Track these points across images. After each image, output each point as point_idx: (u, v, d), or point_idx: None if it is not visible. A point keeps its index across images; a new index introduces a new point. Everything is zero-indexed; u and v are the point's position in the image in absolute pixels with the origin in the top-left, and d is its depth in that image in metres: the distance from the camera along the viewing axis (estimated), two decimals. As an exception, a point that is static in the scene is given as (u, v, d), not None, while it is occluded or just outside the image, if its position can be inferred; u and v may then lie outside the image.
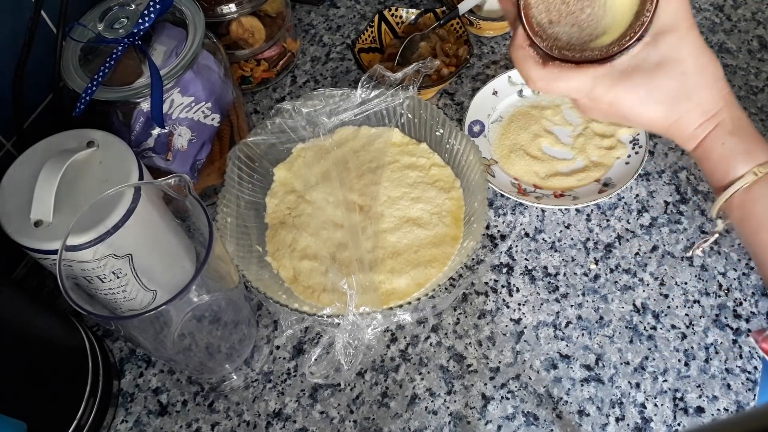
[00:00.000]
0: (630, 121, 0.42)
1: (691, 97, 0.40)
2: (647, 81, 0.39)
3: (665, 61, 0.39)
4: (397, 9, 0.77)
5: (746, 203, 0.41)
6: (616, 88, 0.40)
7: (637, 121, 0.42)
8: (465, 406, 0.54)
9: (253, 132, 0.62)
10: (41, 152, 0.50)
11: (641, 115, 0.41)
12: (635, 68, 0.39)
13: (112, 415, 0.55)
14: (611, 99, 0.40)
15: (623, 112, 0.41)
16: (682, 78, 0.39)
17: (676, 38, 0.39)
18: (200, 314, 0.50)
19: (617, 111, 0.41)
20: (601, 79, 0.40)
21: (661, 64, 0.39)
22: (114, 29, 0.56)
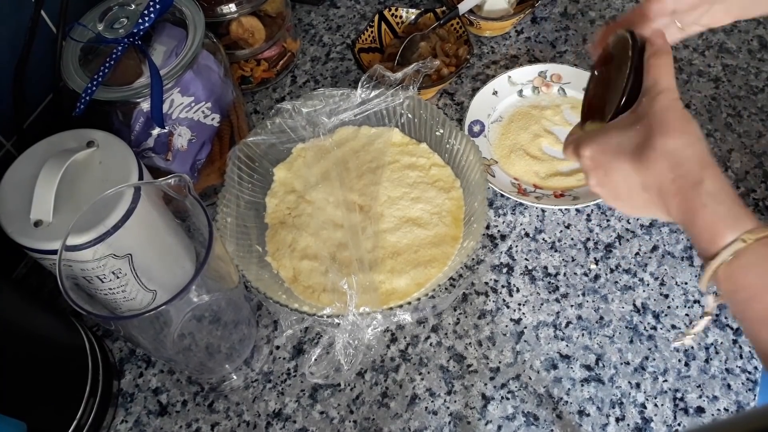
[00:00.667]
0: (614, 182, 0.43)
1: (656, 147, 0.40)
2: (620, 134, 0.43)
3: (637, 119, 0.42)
4: (397, 9, 0.77)
5: (736, 273, 0.37)
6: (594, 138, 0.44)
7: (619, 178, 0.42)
8: (465, 406, 0.54)
9: (253, 132, 0.62)
10: (41, 152, 0.50)
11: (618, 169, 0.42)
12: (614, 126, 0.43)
13: (112, 415, 0.55)
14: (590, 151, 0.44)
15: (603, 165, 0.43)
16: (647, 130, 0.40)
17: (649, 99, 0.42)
18: (200, 314, 0.50)
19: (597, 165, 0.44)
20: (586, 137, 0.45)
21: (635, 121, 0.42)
22: (114, 29, 0.56)
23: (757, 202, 0.64)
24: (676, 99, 0.41)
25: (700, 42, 0.78)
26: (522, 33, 0.81)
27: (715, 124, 0.70)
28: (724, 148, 0.68)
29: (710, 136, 0.69)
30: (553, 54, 0.78)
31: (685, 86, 0.74)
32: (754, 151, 0.68)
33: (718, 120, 0.71)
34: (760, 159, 0.67)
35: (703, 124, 0.70)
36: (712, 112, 0.71)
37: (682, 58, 0.76)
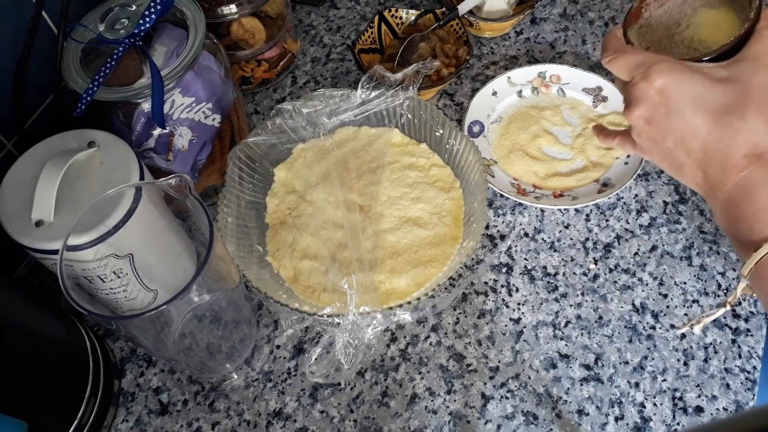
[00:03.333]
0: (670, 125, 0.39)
1: (745, 118, 0.37)
2: (707, 85, 0.38)
3: (731, 79, 0.38)
4: (397, 10, 0.77)
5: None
6: (677, 73, 0.38)
7: (679, 126, 0.38)
8: (465, 406, 0.54)
9: (253, 132, 0.62)
10: (42, 152, 0.51)
11: (686, 118, 0.38)
12: (700, 70, 0.38)
13: (113, 415, 0.55)
14: (665, 82, 0.38)
15: (668, 105, 0.38)
16: (742, 96, 0.37)
17: (752, 66, 0.38)
18: (201, 314, 0.50)
19: (663, 102, 0.38)
20: (664, 61, 0.39)
21: (727, 80, 0.38)
22: (115, 30, 0.56)
23: (755, 203, 0.64)
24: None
25: (699, 42, 0.78)
26: (521, 34, 0.81)
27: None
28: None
29: (709, 136, 0.70)
30: (552, 55, 0.78)
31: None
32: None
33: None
34: (759, 159, 0.68)
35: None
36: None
37: (681, 58, 0.76)
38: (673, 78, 0.38)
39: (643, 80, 0.39)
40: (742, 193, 0.37)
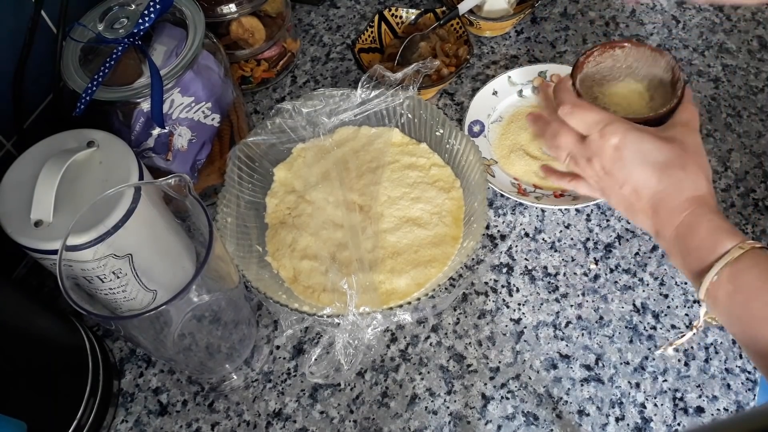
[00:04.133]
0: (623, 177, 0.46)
1: (686, 170, 0.44)
2: (654, 142, 0.45)
3: (671, 138, 0.45)
4: (397, 9, 0.77)
5: (736, 274, 0.41)
6: (629, 132, 0.45)
7: (634, 177, 0.45)
8: (465, 406, 0.54)
9: (253, 132, 0.62)
10: (41, 152, 0.50)
11: (639, 170, 0.45)
12: (647, 130, 0.46)
13: (112, 415, 0.55)
14: (619, 141, 0.45)
15: (623, 160, 0.45)
16: (682, 153, 0.45)
17: (686, 130, 0.46)
18: (200, 314, 0.50)
19: (619, 157, 0.45)
20: (617, 120, 0.46)
21: (669, 139, 0.45)
22: (114, 29, 0.56)
23: (756, 202, 0.64)
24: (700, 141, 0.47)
25: (700, 42, 0.78)
26: (522, 33, 0.81)
27: (715, 124, 0.70)
28: (723, 148, 0.68)
29: (710, 136, 0.70)
30: (552, 54, 0.78)
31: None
32: (754, 151, 0.68)
33: (717, 120, 0.71)
34: (760, 159, 0.67)
35: (702, 124, 0.71)
36: (711, 112, 0.71)
37: (682, 58, 0.76)
38: (626, 137, 0.45)
39: (601, 138, 0.46)
40: (687, 229, 0.44)
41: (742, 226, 0.63)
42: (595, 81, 0.52)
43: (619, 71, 0.52)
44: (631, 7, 0.82)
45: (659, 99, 0.50)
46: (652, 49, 0.51)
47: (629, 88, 0.52)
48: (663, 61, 0.51)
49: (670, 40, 0.78)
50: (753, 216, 0.63)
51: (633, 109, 0.50)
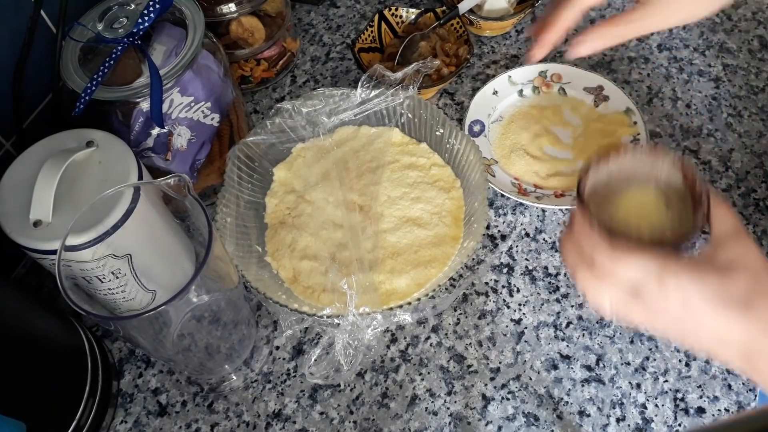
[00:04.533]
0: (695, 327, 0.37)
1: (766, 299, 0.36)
2: (720, 280, 0.36)
3: (734, 266, 0.37)
4: (397, 9, 0.77)
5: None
6: (691, 279, 0.36)
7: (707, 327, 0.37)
8: (465, 407, 0.54)
9: (252, 132, 0.62)
10: (41, 152, 0.50)
11: (715, 321, 0.36)
12: (704, 261, 0.37)
13: (111, 416, 0.55)
14: (684, 294, 0.36)
15: (694, 311, 0.36)
16: (755, 279, 0.36)
17: (739, 245, 0.38)
18: (200, 314, 0.50)
19: (688, 310, 0.37)
20: (670, 262, 0.37)
21: (731, 267, 0.37)
22: (113, 29, 0.56)
23: (757, 202, 0.64)
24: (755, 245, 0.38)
25: (700, 42, 0.77)
26: (522, 33, 0.81)
27: (716, 123, 0.70)
28: (724, 148, 0.68)
29: (710, 136, 0.69)
30: (553, 54, 0.78)
31: (686, 86, 0.74)
32: (755, 150, 0.68)
33: (718, 120, 0.71)
34: (761, 159, 0.67)
35: (703, 124, 0.70)
36: (712, 112, 0.71)
37: (683, 57, 0.76)
38: (689, 285, 0.36)
39: (660, 293, 0.37)
40: None
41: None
42: (597, 204, 0.43)
43: (618, 184, 0.44)
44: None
45: (677, 203, 0.42)
46: (648, 150, 0.44)
47: (640, 201, 0.43)
48: (665, 161, 0.42)
49: (671, 40, 0.78)
50: (754, 216, 0.63)
51: (657, 225, 0.41)
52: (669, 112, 0.72)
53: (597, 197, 0.43)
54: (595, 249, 0.39)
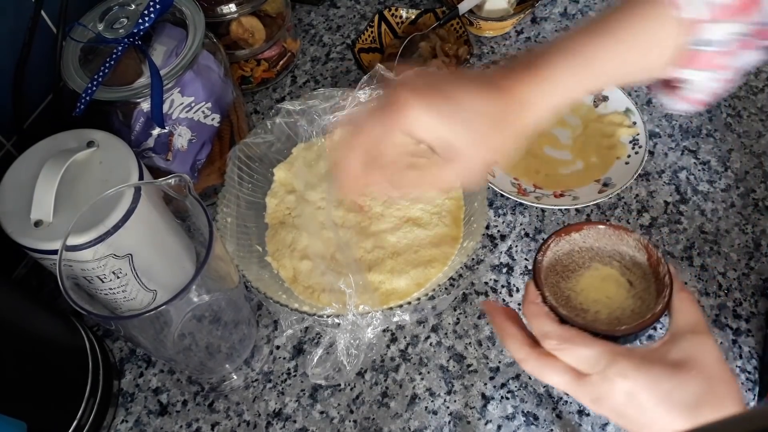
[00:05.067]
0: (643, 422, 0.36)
1: (718, 406, 0.35)
2: (672, 379, 0.35)
3: (687, 362, 0.36)
4: (397, 9, 0.77)
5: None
6: (640, 374, 0.35)
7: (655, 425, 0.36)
8: (465, 406, 0.54)
9: (253, 132, 0.62)
10: (41, 152, 0.50)
11: (663, 420, 0.35)
12: (657, 360, 0.36)
13: (112, 415, 0.55)
14: (631, 386, 0.35)
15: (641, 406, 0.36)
16: (708, 383, 0.35)
17: (698, 342, 0.37)
18: (200, 314, 0.50)
19: (635, 404, 0.36)
20: (620, 357, 0.36)
21: (683, 364, 0.36)
22: (114, 29, 0.56)
23: (756, 202, 0.64)
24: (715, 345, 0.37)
25: (699, 42, 0.78)
26: (522, 33, 0.81)
27: (715, 124, 0.70)
28: (723, 148, 0.68)
29: (710, 136, 0.70)
30: (552, 54, 0.78)
31: (685, 86, 0.74)
32: (754, 151, 0.68)
33: (717, 120, 0.71)
34: (760, 159, 0.67)
35: (702, 124, 0.71)
36: (711, 112, 0.71)
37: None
38: (637, 378, 0.35)
39: (605, 382, 0.36)
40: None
41: (742, 226, 0.63)
42: (558, 274, 0.42)
43: (581, 257, 0.43)
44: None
45: (640, 282, 0.41)
46: (614, 227, 0.42)
47: (601, 277, 0.42)
48: (630, 239, 0.42)
49: (670, 40, 0.78)
50: (753, 216, 0.63)
51: (617, 303, 0.40)
52: (668, 112, 0.72)
53: (559, 267, 0.42)
54: (543, 323, 0.38)
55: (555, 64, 0.39)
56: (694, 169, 0.67)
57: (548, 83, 0.39)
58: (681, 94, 0.42)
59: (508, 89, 0.39)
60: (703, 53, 0.39)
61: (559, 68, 0.39)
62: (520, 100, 0.39)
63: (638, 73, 0.41)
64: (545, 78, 0.39)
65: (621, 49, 0.39)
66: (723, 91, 0.41)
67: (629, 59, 0.40)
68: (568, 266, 0.42)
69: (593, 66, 0.40)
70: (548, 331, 0.38)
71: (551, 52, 0.40)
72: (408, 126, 0.40)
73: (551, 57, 0.40)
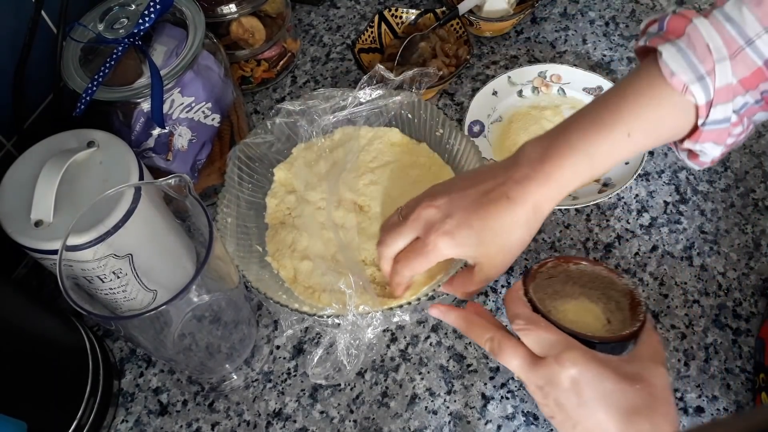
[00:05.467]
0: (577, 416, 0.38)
1: (653, 420, 0.37)
2: (618, 382, 0.37)
3: (637, 377, 0.38)
4: (397, 9, 0.77)
5: None
6: (590, 365, 0.38)
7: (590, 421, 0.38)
8: (465, 406, 0.54)
9: (252, 132, 0.62)
10: (42, 152, 0.51)
11: (597, 415, 0.37)
12: (610, 365, 0.38)
13: (112, 415, 0.55)
14: (578, 373, 0.38)
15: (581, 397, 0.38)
16: (649, 399, 0.37)
17: (653, 367, 0.39)
18: (200, 314, 0.50)
19: (576, 393, 0.38)
20: (577, 347, 0.39)
21: (633, 378, 0.38)
22: (114, 29, 0.56)
23: (756, 202, 0.64)
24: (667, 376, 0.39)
25: (699, 42, 0.78)
26: (522, 33, 0.81)
27: (715, 124, 0.70)
28: (723, 148, 0.68)
29: (710, 136, 0.70)
30: (552, 54, 0.78)
31: (685, 86, 0.74)
32: (754, 151, 0.68)
33: (717, 120, 0.71)
34: (760, 159, 0.67)
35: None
36: (711, 113, 0.71)
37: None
38: (586, 370, 0.38)
39: (556, 363, 0.38)
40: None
41: (742, 226, 0.63)
42: (546, 294, 0.46)
43: (573, 289, 0.46)
44: (632, 8, 0.82)
45: (617, 324, 0.44)
46: (609, 270, 0.45)
47: (584, 308, 0.45)
48: (620, 284, 0.45)
49: (670, 41, 0.78)
50: (753, 216, 0.63)
51: (591, 331, 0.42)
52: (668, 113, 0.72)
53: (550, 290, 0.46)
54: (518, 307, 0.42)
55: (565, 165, 0.44)
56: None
57: (559, 185, 0.45)
58: (696, 159, 0.45)
59: (522, 201, 0.44)
60: (715, 130, 0.41)
61: (568, 169, 0.44)
62: (533, 208, 0.45)
63: (651, 147, 0.46)
64: (556, 180, 0.44)
65: (635, 136, 0.43)
66: (731, 149, 0.45)
67: (642, 144, 0.44)
68: (558, 292, 0.46)
69: (605, 159, 0.44)
70: (519, 313, 0.42)
71: (562, 151, 0.44)
72: (440, 259, 0.48)
73: (562, 159, 0.44)
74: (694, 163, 0.46)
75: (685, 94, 0.40)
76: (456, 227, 0.46)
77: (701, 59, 0.40)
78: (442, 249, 0.46)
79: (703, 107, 0.40)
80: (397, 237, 0.49)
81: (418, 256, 0.48)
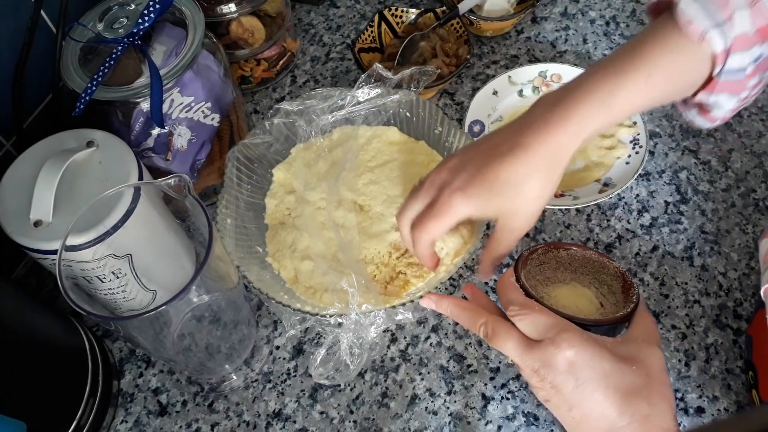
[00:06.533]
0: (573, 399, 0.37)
1: (651, 400, 0.37)
2: (614, 363, 0.37)
3: (633, 358, 0.38)
4: (397, 9, 0.77)
5: None
6: (586, 346, 0.37)
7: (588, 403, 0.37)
8: (465, 407, 0.54)
9: (252, 132, 0.62)
10: (41, 152, 0.50)
11: (595, 395, 0.37)
12: (605, 346, 0.38)
13: (111, 416, 0.55)
14: (575, 355, 0.37)
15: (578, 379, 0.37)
16: (646, 379, 0.37)
17: (647, 347, 0.39)
18: (200, 314, 0.50)
19: (572, 375, 0.37)
20: (573, 329, 0.38)
21: (629, 359, 0.38)
22: (114, 29, 0.56)
23: (757, 202, 0.64)
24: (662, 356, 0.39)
25: (700, 42, 0.77)
26: (522, 33, 0.81)
27: (716, 123, 0.70)
28: (724, 148, 0.68)
29: (710, 136, 0.69)
30: (553, 54, 0.78)
31: (686, 86, 0.74)
32: (755, 151, 0.68)
33: (718, 120, 0.71)
34: (761, 159, 0.67)
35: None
36: (712, 112, 0.71)
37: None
38: (582, 351, 0.37)
39: (552, 346, 0.38)
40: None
41: (743, 226, 0.63)
42: (538, 281, 0.45)
43: (564, 275, 0.46)
44: (632, 7, 0.82)
45: (610, 307, 0.44)
46: (599, 254, 0.46)
47: (576, 293, 0.45)
48: (611, 267, 0.45)
49: (671, 40, 0.78)
50: (753, 216, 0.63)
51: (584, 315, 0.42)
52: (669, 112, 0.72)
53: (541, 276, 0.46)
54: (512, 293, 0.42)
55: (582, 108, 0.43)
56: (695, 168, 0.67)
57: (576, 129, 0.43)
58: (707, 115, 0.45)
59: (536, 146, 0.43)
60: (731, 80, 0.41)
61: (585, 111, 0.43)
62: (551, 154, 0.43)
63: (666, 101, 0.44)
64: (573, 124, 0.43)
65: (652, 83, 0.42)
66: (742, 107, 0.44)
67: (659, 93, 0.43)
68: (550, 278, 0.46)
69: (624, 103, 0.43)
70: (513, 299, 0.41)
71: (578, 96, 0.43)
72: (459, 220, 0.46)
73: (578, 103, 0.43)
74: (704, 119, 0.45)
75: (702, 42, 0.40)
76: (467, 182, 0.44)
77: (720, 5, 0.39)
78: (455, 206, 0.45)
79: (720, 55, 0.40)
80: (413, 202, 0.49)
81: (432, 218, 0.46)
